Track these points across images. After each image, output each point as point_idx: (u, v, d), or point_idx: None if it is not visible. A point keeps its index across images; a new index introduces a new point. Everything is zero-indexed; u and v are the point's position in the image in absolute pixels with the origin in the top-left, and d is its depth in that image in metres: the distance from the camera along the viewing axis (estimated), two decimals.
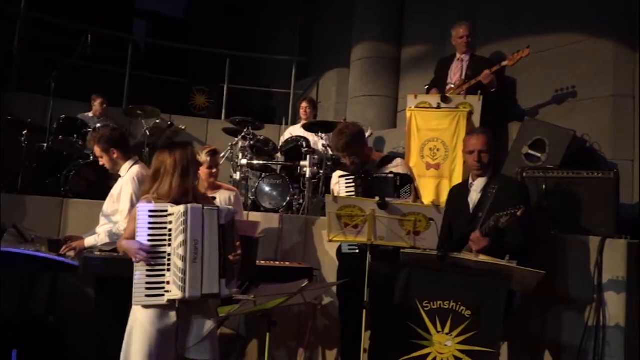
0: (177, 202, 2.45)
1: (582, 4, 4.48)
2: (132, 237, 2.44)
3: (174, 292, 2.31)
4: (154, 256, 2.37)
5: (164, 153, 2.54)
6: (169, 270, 2.35)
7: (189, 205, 2.36)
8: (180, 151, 2.53)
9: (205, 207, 2.41)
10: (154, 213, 2.40)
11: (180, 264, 2.31)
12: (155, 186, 2.51)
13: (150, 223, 2.38)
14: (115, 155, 3.34)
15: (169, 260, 2.36)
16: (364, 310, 2.74)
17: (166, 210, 2.40)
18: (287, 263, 3.72)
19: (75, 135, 5.22)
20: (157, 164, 2.54)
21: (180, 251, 2.32)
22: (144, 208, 2.41)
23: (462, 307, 2.57)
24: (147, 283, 2.34)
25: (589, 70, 4.39)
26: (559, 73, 4.60)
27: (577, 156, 4.06)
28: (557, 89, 4.55)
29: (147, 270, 2.35)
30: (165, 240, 2.38)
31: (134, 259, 2.38)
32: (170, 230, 2.38)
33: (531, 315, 3.23)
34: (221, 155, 5.26)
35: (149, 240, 2.37)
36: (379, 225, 2.75)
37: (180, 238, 2.33)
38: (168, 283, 2.33)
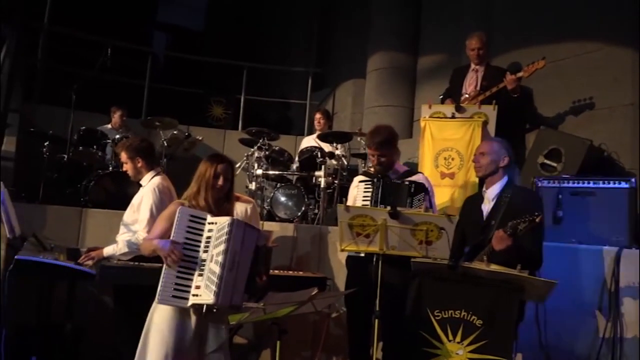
0: (210, 212, 2.51)
1: (598, 13, 4.44)
2: (159, 237, 2.48)
3: (205, 297, 2.32)
4: (186, 259, 2.39)
5: (201, 163, 2.64)
6: (201, 275, 2.37)
7: (235, 218, 2.42)
8: (208, 163, 2.61)
9: (247, 225, 2.47)
10: (194, 218, 2.45)
11: (218, 270, 2.33)
12: (189, 193, 2.61)
13: (188, 227, 2.42)
14: (139, 164, 3.42)
15: (202, 265, 2.38)
16: (376, 320, 2.73)
17: (205, 219, 2.45)
18: (301, 272, 3.73)
19: (95, 147, 5.32)
20: None
21: (220, 259, 2.34)
22: (185, 212, 2.45)
23: (473, 317, 2.56)
24: (176, 284, 2.36)
25: (606, 79, 4.34)
26: (575, 82, 4.56)
27: (594, 166, 4.01)
28: (574, 98, 4.51)
29: (178, 272, 2.37)
30: (199, 246, 2.42)
31: (165, 260, 2.37)
32: (208, 238, 2.41)
33: (546, 325, 3.19)
34: (237, 165, 5.34)
35: (184, 243, 2.40)
36: (391, 235, 2.75)
37: (222, 247, 2.35)
38: (198, 287, 2.35)
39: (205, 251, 2.40)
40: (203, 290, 2.33)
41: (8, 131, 5.49)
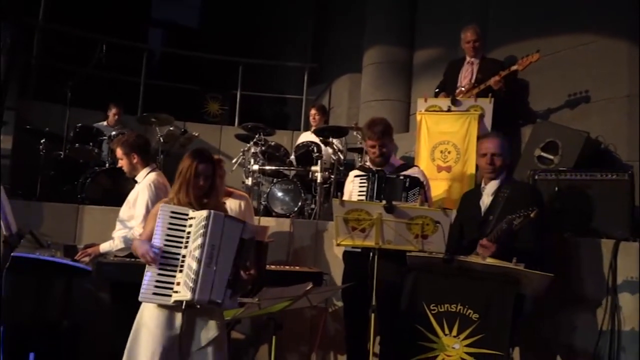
0: (194, 208, 2.48)
1: (594, 5, 4.43)
2: (150, 236, 2.47)
3: (183, 293, 2.32)
4: (167, 256, 2.38)
5: (183, 159, 2.60)
6: (181, 271, 2.36)
7: (212, 211, 2.39)
8: (189, 160, 2.56)
9: (227, 217, 2.43)
10: (175, 214, 2.43)
11: (194, 266, 2.32)
12: (172, 190, 2.58)
13: (170, 224, 2.41)
14: (135, 160, 3.42)
15: (182, 262, 2.37)
16: (372, 315, 2.73)
17: (187, 214, 2.43)
18: (297, 267, 3.73)
19: (91, 144, 5.31)
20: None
21: (197, 254, 2.32)
22: (166, 209, 2.44)
23: (469, 311, 2.56)
24: (157, 281, 2.36)
25: (603, 71, 4.33)
26: (572, 74, 4.55)
27: (592, 158, 4.00)
28: (571, 90, 4.50)
29: (159, 269, 2.37)
30: (181, 242, 2.40)
31: (143, 260, 2.40)
32: (188, 233, 2.39)
33: (544, 318, 3.19)
34: (233, 161, 5.33)
35: (166, 240, 2.39)
36: (387, 229, 2.75)
37: (199, 241, 2.34)
38: (178, 284, 2.34)
39: (186, 247, 2.39)
40: (182, 287, 2.33)
41: (4, 129, 5.47)
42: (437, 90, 4.90)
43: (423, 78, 6.34)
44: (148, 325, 2.40)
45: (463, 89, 4.58)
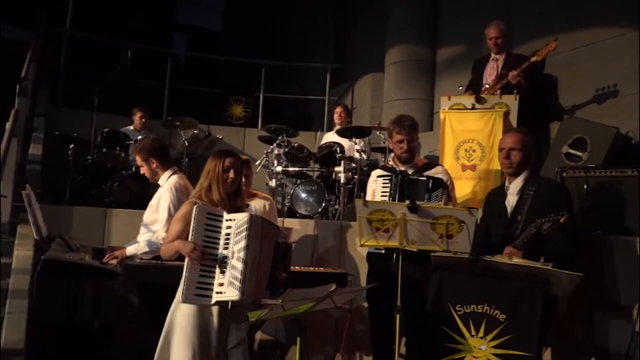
0: (225, 207, 2.52)
1: None
2: (176, 238, 2.49)
3: (230, 294, 2.32)
4: (207, 257, 2.40)
5: (208, 160, 2.63)
6: (223, 272, 2.37)
7: (252, 214, 2.42)
8: (216, 158, 2.59)
9: (264, 220, 2.46)
10: (211, 216, 2.44)
11: (240, 266, 2.33)
12: (200, 189, 2.60)
13: (206, 225, 2.42)
14: (154, 165, 3.44)
15: (223, 263, 2.38)
16: (397, 315, 2.71)
17: (222, 216, 2.45)
18: (322, 268, 3.72)
19: (118, 148, 5.40)
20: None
21: (242, 255, 2.34)
22: (202, 210, 2.44)
23: (496, 311, 2.52)
24: (198, 282, 2.36)
25: (632, 64, 4.21)
26: (600, 68, 4.45)
27: (622, 154, 3.90)
28: (599, 85, 4.40)
29: (200, 270, 2.38)
30: (217, 243, 2.42)
31: (189, 257, 2.38)
32: (227, 235, 2.41)
33: (576, 319, 3.12)
34: (257, 163, 5.36)
35: (203, 242, 2.40)
36: (411, 229, 2.72)
37: (243, 243, 2.35)
38: (221, 285, 2.35)
39: (226, 248, 2.39)
40: (227, 287, 2.33)
41: (34, 135, 5.64)
42: (460, 87, 4.83)
43: (446, 76, 6.28)
44: (182, 325, 2.42)
45: (488, 86, 4.52)
